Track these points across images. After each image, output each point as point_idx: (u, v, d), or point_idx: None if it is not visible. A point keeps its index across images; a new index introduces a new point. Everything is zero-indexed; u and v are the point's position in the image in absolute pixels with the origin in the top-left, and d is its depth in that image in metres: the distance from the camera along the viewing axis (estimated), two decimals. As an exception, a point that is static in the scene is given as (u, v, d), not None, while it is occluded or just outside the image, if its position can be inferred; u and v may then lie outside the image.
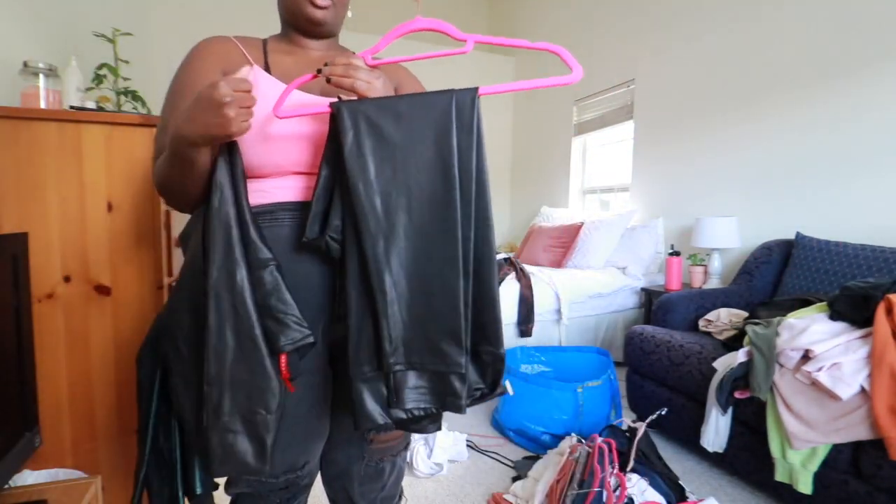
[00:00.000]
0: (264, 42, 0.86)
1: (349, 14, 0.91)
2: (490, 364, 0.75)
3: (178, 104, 0.75)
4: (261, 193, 0.76)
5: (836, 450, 1.31)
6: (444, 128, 0.67)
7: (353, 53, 0.90)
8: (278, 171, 0.76)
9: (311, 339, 0.70)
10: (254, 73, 0.77)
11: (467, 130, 0.68)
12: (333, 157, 0.70)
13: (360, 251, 0.69)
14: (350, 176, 0.67)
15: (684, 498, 1.45)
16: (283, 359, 0.69)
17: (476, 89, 0.68)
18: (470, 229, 0.69)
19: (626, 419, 1.64)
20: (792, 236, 2.29)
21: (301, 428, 0.79)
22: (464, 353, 0.70)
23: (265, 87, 0.75)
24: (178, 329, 0.71)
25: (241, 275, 0.67)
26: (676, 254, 2.74)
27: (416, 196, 0.69)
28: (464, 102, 0.68)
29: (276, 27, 0.91)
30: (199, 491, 0.77)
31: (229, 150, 0.71)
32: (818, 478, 1.34)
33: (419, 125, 0.68)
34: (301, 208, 0.75)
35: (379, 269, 0.68)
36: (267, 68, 0.81)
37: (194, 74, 0.77)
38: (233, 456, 0.67)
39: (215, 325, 0.66)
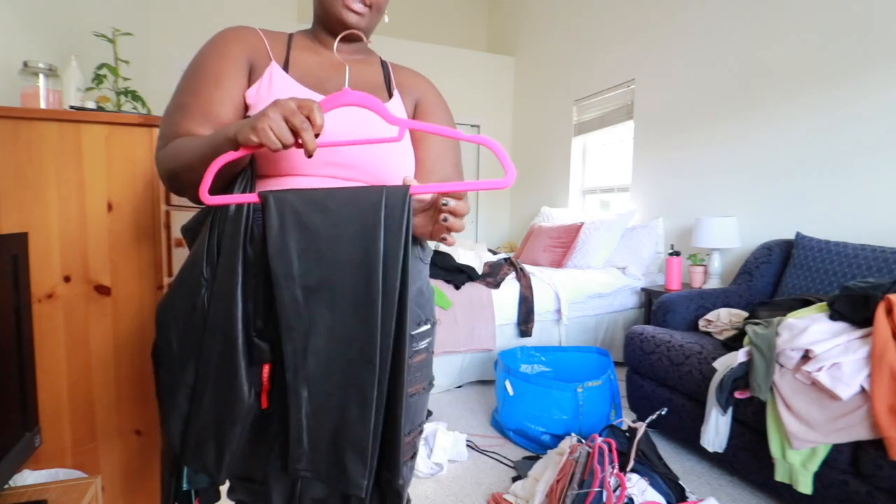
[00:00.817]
0: (290, 37, 0.85)
1: (385, 19, 0.90)
2: (385, 494, 0.71)
3: (198, 87, 0.74)
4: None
5: (836, 450, 1.31)
6: (373, 226, 0.64)
7: (383, 62, 0.93)
8: (281, 173, 0.76)
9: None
10: (270, 70, 0.78)
11: (395, 231, 0.64)
12: (258, 247, 0.68)
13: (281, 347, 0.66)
14: (273, 267, 0.64)
15: (684, 498, 1.45)
16: (266, 369, 0.69)
17: (408, 188, 0.64)
18: (390, 337, 0.65)
19: (626, 419, 1.64)
20: (792, 236, 2.29)
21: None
22: (367, 474, 0.66)
23: (278, 87, 0.77)
24: (173, 323, 0.70)
25: (239, 284, 0.66)
26: (676, 254, 2.74)
27: (339, 293, 0.65)
28: (394, 201, 0.64)
29: (277, 29, 0.91)
30: (185, 487, 0.77)
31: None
32: (818, 478, 1.34)
33: (346, 222, 0.64)
34: None
35: (296, 367, 0.65)
36: (286, 65, 0.81)
37: (217, 57, 0.76)
38: (201, 454, 0.68)
39: (211, 326, 0.67)
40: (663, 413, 1.65)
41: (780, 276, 2.22)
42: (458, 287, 2.58)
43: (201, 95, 0.74)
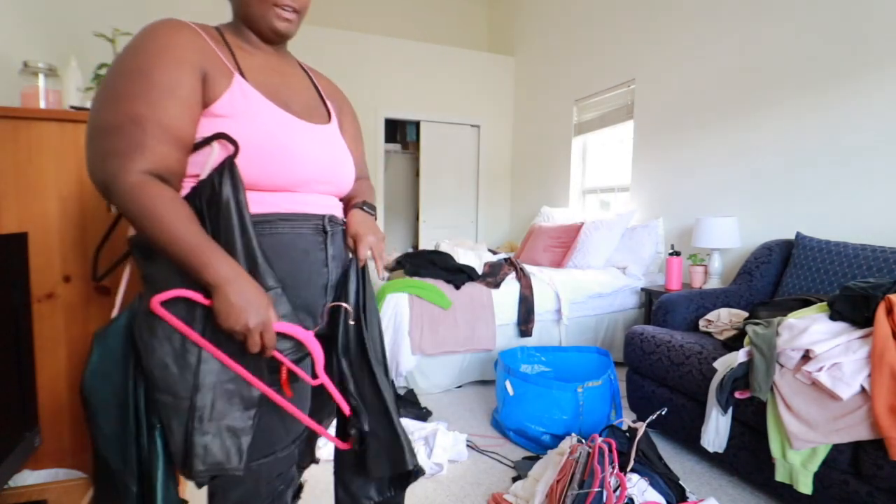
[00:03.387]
0: (221, 35, 0.83)
1: None
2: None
3: (152, 95, 0.68)
4: (259, 204, 0.77)
5: (836, 450, 1.31)
6: None
7: (300, 64, 0.97)
8: (274, 186, 0.78)
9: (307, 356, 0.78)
10: (239, 84, 0.77)
11: None
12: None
13: None
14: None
15: (684, 498, 1.45)
16: (284, 371, 0.75)
17: None
18: None
19: (626, 419, 1.64)
20: (792, 236, 2.29)
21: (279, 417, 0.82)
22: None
23: (255, 105, 0.77)
24: (167, 344, 0.70)
25: None
26: (676, 254, 2.74)
27: None
28: None
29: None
30: None
31: (230, 166, 0.72)
32: (818, 478, 1.34)
33: None
34: (298, 218, 0.81)
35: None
36: (240, 70, 0.80)
37: (171, 62, 0.71)
38: (212, 456, 0.70)
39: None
40: (663, 413, 1.65)
41: (780, 276, 2.22)
42: (458, 287, 2.58)
43: (157, 107, 0.68)
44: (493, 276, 2.78)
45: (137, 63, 0.70)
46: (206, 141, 0.73)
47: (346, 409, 0.85)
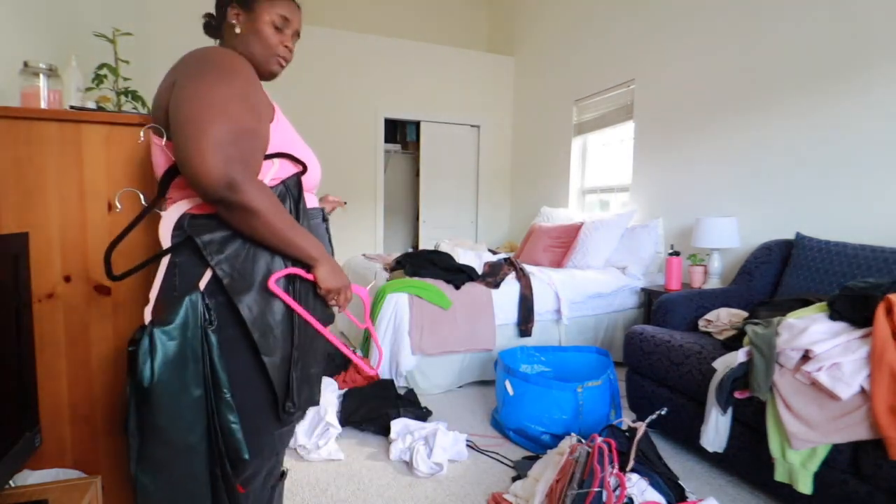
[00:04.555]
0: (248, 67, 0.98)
1: None
2: None
3: (258, 114, 0.87)
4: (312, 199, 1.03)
5: (836, 450, 1.31)
6: None
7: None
8: (306, 188, 0.99)
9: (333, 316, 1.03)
10: (278, 113, 0.96)
11: None
12: None
13: None
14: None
15: (684, 498, 1.45)
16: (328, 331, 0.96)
17: None
18: None
19: (626, 419, 1.64)
20: (792, 236, 2.29)
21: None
22: None
23: (285, 123, 0.97)
24: (261, 315, 0.86)
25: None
26: (676, 254, 2.74)
27: None
28: None
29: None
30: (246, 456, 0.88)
31: (298, 181, 0.94)
32: (818, 478, 1.34)
33: None
34: (316, 210, 1.04)
35: None
36: None
37: (259, 89, 0.90)
38: (310, 395, 0.95)
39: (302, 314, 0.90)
40: (663, 413, 1.65)
41: (780, 276, 2.22)
42: (458, 287, 2.58)
43: (263, 126, 0.88)
44: (492, 276, 2.78)
45: (238, 88, 0.85)
46: (272, 156, 0.92)
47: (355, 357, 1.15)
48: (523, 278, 2.75)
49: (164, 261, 0.89)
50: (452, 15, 5.47)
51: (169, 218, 0.89)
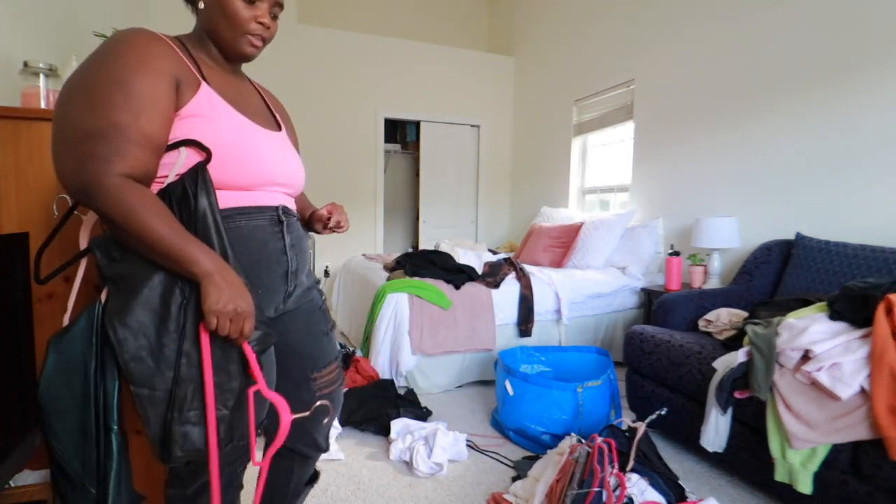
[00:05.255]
0: (184, 46, 0.86)
1: None
2: None
3: (134, 105, 0.71)
4: (226, 199, 0.83)
5: (836, 450, 1.31)
6: None
7: (251, 83, 1.03)
8: (235, 185, 0.84)
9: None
10: (207, 93, 0.82)
11: None
12: None
13: None
14: None
15: (684, 498, 1.45)
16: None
17: None
18: None
19: (626, 419, 1.64)
20: (792, 236, 2.29)
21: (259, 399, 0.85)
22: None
23: (220, 111, 0.82)
24: (143, 338, 0.72)
25: None
26: (676, 254, 2.74)
27: None
28: None
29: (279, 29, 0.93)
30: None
31: (203, 171, 0.77)
32: (818, 478, 1.34)
33: None
34: (253, 211, 0.87)
35: None
36: (205, 79, 0.84)
37: (151, 74, 0.74)
38: (191, 443, 0.74)
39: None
40: (663, 413, 1.65)
41: (780, 276, 2.22)
42: (458, 287, 2.58)
43: (139, 116, 0.71)
44: (492, 276, 2.78)
45: (117, 73, 0.72)
46: (176, 145, 0.77)
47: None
48: (523, 278, 2.75)
49: (82, 266, 0.85)
50: (452, 15, 5.47)
51: (88, 221, 0.86)
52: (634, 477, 1.41)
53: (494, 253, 3.60)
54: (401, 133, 6.03)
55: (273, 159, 0.89)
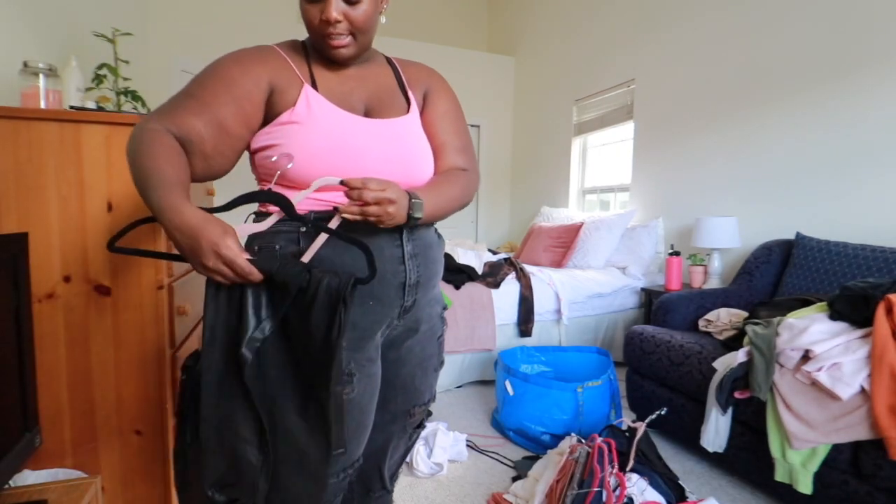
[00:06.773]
0: (305, 49, 0.87)
1: (382, 20, 0.89)
2: None
3: (208, 82, 0.78)
4: (328, 203, 0.81)
5: (836, 450, 1.31)
6: None
7: (390, 62, 0.96)
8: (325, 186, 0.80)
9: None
10: (305, 93, 0.81)
11: None
12: None
13: None
14: None
15: (684, 498, 1.45)
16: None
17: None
18: None
19: (626, 419, 1.64)
20: (792, 236, 2.29)
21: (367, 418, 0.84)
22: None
23: (318, 110, 0.81)
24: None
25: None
26: (676, 254, 2.74)
27: None
28: None
29: (277, 29, 0.92)
30: None
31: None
32: (818, 478, 1.34)
33: None
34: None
35: None
36: (314, 83, 0.84)
37: (238, 68, 0.79)
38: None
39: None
40: (663, 413, 1.65)
41: (780, 276, 2.22)
42: (458, 287, 2.58)
43: (208, 89, 0.77)
44: (493, 276, 2.78)
45: (212, 64, 0.81)
46: (266, 149, 0.81)
47: None
48: (523, 278, 2.75)
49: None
50: (452, 15, 5.47)
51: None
52: (634, 477, 1.41)
53: (494, 253, 3.60)
54: (401, 133, 6.02)
55: (374, 155, 0.82)
